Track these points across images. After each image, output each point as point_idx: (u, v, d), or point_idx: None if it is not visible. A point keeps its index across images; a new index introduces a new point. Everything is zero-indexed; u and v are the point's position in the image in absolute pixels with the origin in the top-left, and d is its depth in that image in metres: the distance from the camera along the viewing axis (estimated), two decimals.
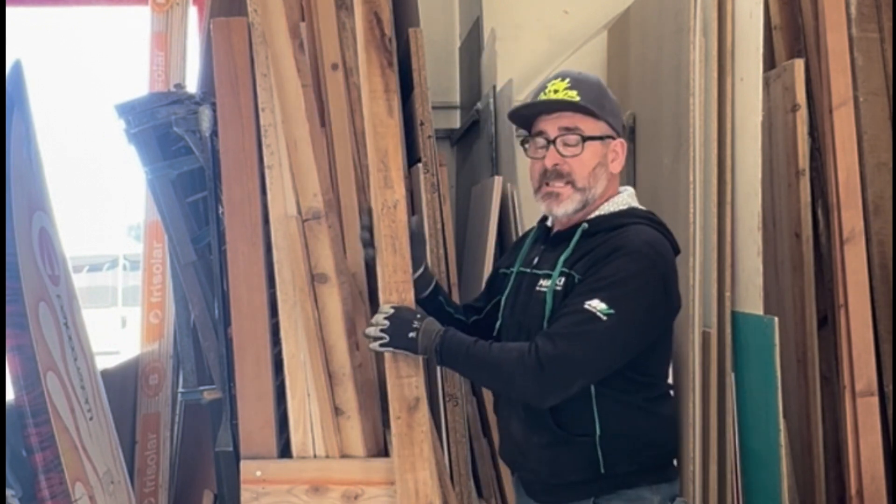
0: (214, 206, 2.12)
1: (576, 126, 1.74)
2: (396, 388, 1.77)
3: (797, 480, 2.64)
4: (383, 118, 1.81)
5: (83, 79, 29.43)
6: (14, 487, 2.07)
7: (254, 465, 1.85)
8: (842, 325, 2.50)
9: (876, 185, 2.58)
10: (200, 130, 2.11)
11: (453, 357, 1.66)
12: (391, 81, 1.82)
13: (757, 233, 2.25)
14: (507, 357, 1.63)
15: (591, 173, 1.74)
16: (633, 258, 1.64)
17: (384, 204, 1.78)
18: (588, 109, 1.73)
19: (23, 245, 2.26)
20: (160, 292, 3.15)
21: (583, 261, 1.69)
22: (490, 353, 1.64)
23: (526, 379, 1.60)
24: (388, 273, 1.76)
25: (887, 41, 2.62)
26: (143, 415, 3.07)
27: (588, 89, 1.75)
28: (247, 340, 1.91)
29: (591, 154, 1.74)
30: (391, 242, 1.77)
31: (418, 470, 1.77)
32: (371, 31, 1.81)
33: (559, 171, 1.74)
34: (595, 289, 1.62)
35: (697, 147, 2.35)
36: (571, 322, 1.60)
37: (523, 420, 1.76)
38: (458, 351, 1.65)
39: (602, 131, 1.76)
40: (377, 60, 1.81)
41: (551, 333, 1.61)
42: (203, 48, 2.70)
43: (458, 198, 3.70)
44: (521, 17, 3.59)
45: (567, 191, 1.74)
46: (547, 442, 1.71)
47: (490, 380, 1.76)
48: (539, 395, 1.62)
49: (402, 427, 1.77)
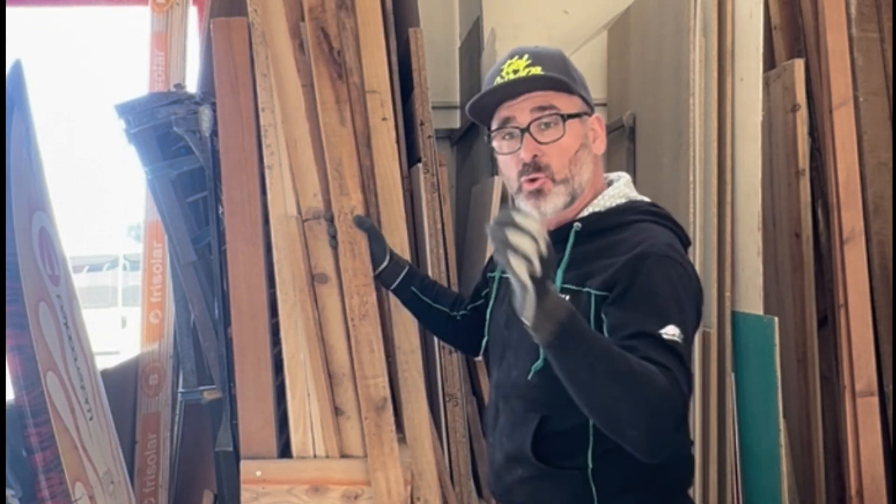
0: (214, 206, 2.12)
1: (550, 104, 1.45)
2: (363, 389, 1.82)
3: (797, 480, 2.64)
4: (335, 128, 1.90)
5: (83, 79, 29.40)
6: (14, 487, 2.07)
7: (254, 465, 1.85)
8: (842, 325, 2.50)
9: (876, 185, 2.58)
10: (200, 130, 2.11)
11: (580, 337, 1.20)
12: (342, 92, 1.92)
13: (757, 233, 2.25)
14: (656, 380, 1.21)
15: (574, 158, 1.46)
16: (666, 263, 1.37)
17: (341, 210, 1.85)
18: (562, 82, 1.45)
19: (23, 245, 2.25)
20: (160, 292, 3.15)
21: (591, 274, 1.41)
22: (630, 361, 1.22)
23: (669, 420, 1.23)
24: (347, 277, 1.83)
25: (887, 41, 2.62)
26: (143, 415, 3.07)
27: (552, 62, 1.48)
28: (247, 340, 1.91)
29: (574, 136, 1.46)
30: (350, 248, 1.83)
31: (389, 469, 1.81)
32: (319, 46, 1.91)
33: (539, 163, 1.45)
34: (654, 312, 1.32)
35: (697, 147, 2.35)
36: (661, 353, 1.27)
37: (505, 452, 1.52)
38: (588, 333, 1.22)
39: (578, 107, 1.49)
40: (326, 73, 1.91)
41: (664, 366, 1.26)
42: (203, 48, 2.70)
43: (458, 198, 3.70)
44: (521, 17, 3.59)
45: (549, 185, 1.46)
46: (531, 476, 1.47)
47: (621, 396, 1.22)
48: (669, 439, 1.26)
49: (371, 427, 1.81)
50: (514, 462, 1.49)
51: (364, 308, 1.83)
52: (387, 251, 1.85)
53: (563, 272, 1.43)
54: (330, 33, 1.92)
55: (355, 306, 1.84)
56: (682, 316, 1.34)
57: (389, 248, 1.87)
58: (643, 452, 1.26)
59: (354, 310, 1.84)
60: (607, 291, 1.36)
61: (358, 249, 1.83)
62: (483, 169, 3.31)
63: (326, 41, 1.91)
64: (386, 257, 1.84)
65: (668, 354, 1.27)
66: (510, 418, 1.51)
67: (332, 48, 1.91)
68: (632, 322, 1.31)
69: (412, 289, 1.82)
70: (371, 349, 1.84)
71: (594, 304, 1.37)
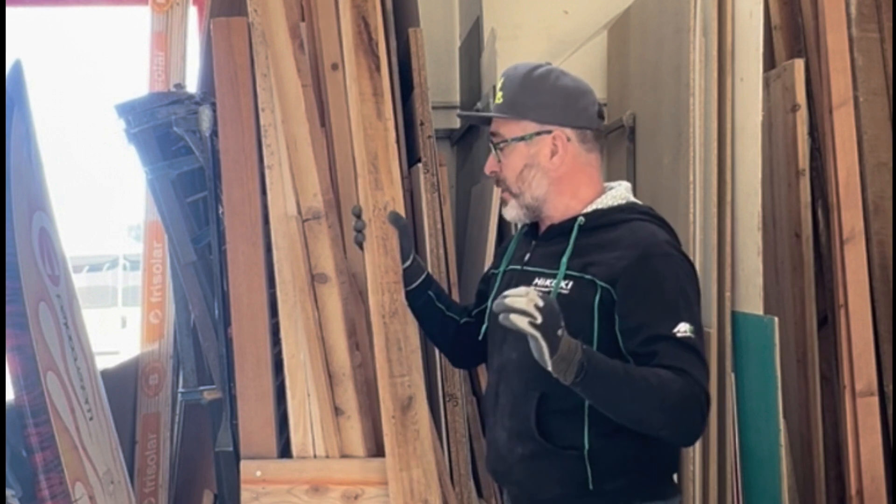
0: (214, 206, 2.12)
1: (497, 130, 1.66)
2: (390, 388, 1.77)
3: (797, 480, 2.64)
4: (372, 121, 1.83)
5: (83, 79, 29.42)
6: (14, 487, 2.07)
7: (254, 465, 1.85)
8: (842, 325, 2.50)
9: (876, 185, 2.58)
10: (200, 130, 2.11)
11: (599, 373, 1.39)
12: (379, 85, 1.85)
13: (757, 233, 2.25)
14: (671, 386, 1.40)
15: (519, 177, 1.64)
16: (672, 260, 1.53)
17: (374, 206, 1.79)
18: (500, 116, 1.65)
19: (23, 245, 2.25)
20: (160, 292, 3.15)
21: (594, 263, 1.54)
22: (646, 376, 1.41)
23: (695, 413, 1.43)
24: (379, 274, 1.76)
25: (887, 41, 2.62)
26: (143, 415, 3.07)
27: (510, 87, 1.65)
28: (247, 340, 1.91)
29: (516, 157, 1.64)
30: (382, 244, 1.77)
31: (413, 468, 1.78)
32: (359, 36, 1.85)
33: (497, 177, 1.69)
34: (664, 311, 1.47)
35: (697, 147, 2.35)
36: (677, 354, 1.44)
37: (508, 429, 1.63)
38: (605, 367, 1.40)
39: (525, 131, 1.63)
40: (366, 64, 1.85)
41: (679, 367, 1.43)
42: (203, 48, 2.70)
43: (458, 198, 3.70)
44: (521, 17, 3.59)
45: (507, 196, 1.68)
46: (531, 453, 1.58)
47: (646, 410, 1.43)
48: (699, 427, 1.47)
49: (397, 426, 1.77)
50: (517, 439, 1.60)
51: (394, 305, 1.78)
52: (412, 251, 1.83)
53: (567, 259, 1.56)
54: (370, 24, 1.85)
55: (386, 303, 1.77)
56: (691, 310, 1.49)
57: (414, 249, 1.85)
58: (678, 443, 1.54)
59: (385, 307, 1.78)
60: (611, 284, 1.50)
61: (390, 245, 1.77)
62: (483, 169, 3.31)
63: (367, 31, 1.84)
64: (410, 257, 1.82)
65: (685, 353, 1.44)
66: (510, 398, 1.62)
67: (371, 39, 1.85)
68: (645, 325, 1.47)
69: (429, 293, 1.83)
70: (399, 347, 1.79)
71: (599, 292, 1.51)
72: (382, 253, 1.76)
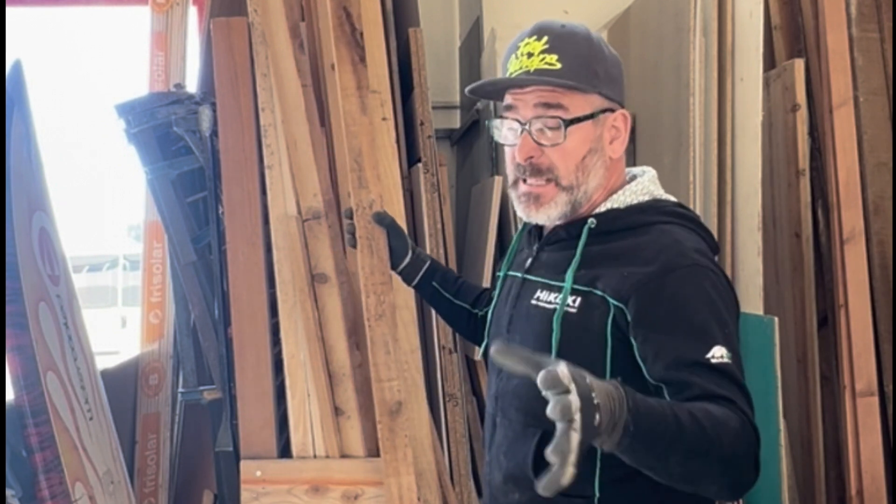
0: (214, 206, 2.12)
1: (557, 102, 1.30)
2: (378, 392, 1.73)
3: (797, 480, 2.64)
4: (356, 116, 1.76)
5: (83, 79, 29.40)
6: (14, 487, 2.07)
7: (254, 465, 1.85)
8: (842, 325, 2.49)
9: (876, 185, 2.58)
10: (200, 130, 2.11)
11: (647, 430, 1.02)
12: (364, 77, 1.77)
13: (757, 233, 2.25)
14: (723, 426, 1.09)
15: (580, 165, 1.31)
16: (698, 273, 1.24)
17: (359, 204, 1.73)
18: (568, 85, 1.29)
19: (23, 245, 2.26)
20: (160, 292, 3.15)
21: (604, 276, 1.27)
22: (697, 417, 1.07)
23: (749, 460, 1.13)
24: (365, 275, 1.71)
25: (887, 41, 2.62)
26: (143, 415, 3.07)
27: (574, 50, 1.32)
28: (247, 340, 1.92)
29: (580, 140, 1.31)
30: (367, 244, 1.71)
31: (402, 475, 1.75)
32: (341, 27, 1.76)
33: (536, 166, 1.32)
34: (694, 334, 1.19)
35: (697, 147, 2.35)
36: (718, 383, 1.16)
37: (504, 470, 1.37)
38: (652, 421, 1.03)
39: (594, 106, 1.32)
40: (348, 57, 1.76)
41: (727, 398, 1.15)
42: (203, 48, 2.70)
43: (458, 198, 3.70)
44: (521, 17, 3.59)
45: (549, 190, 1.32)
46: (529, 501, 1.32)
47: (696, 464, 1.09)
48: (751, 480, 1.15)
49: (385, 431, 1.74)
50: (513, 484, 1.35)
51: (381, 308, 1.73)
52: (409, 247, 1.71)
53: (573, 272, 1.30)
54: (352, 13, 1.77)
55: (371, 306, 1.72)
56: (725, 331, 1.22)
57: (412, 244, 1.73)
58: (727, 498, 1.18)
59: (370, 309, 1.73)
60: (623, 302, 1.23)
61: (376, 246, 1.71)
62: (483, 169, 3.31)
63: (349, 21, 1.76)
64: (408, 253, 1.70)
65: (725, 381, 1.17)
66: (508, 433, 1.37)
67: (354, 29, 1.76)
68: (672, 350, 1.19)
69: (433, 283, 1.70)
70: (387, 351, 1.75)
71: (612, 311, 1.24)
72: (368, 253, 1.71)
